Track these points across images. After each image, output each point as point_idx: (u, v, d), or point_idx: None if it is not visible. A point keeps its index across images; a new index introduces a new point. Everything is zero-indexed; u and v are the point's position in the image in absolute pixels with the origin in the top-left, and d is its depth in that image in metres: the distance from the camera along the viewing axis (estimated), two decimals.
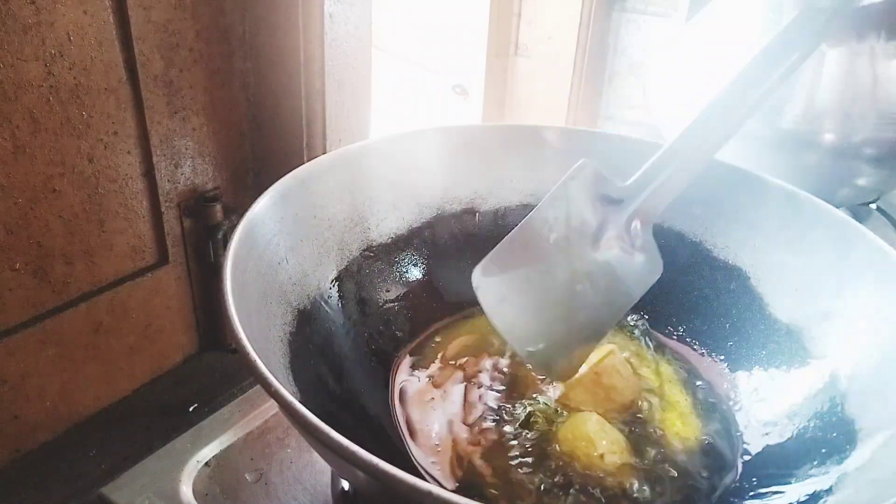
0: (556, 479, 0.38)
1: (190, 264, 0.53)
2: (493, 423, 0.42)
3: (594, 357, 0.43)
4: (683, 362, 0.48)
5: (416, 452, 0.41)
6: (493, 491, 0.38)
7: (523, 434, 0.41)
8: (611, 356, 0.43)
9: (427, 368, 0.47)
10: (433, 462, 0.40)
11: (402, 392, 0.45)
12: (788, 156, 0.63)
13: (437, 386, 0.45)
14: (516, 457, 0.40)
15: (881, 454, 0.34)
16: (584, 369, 0.43)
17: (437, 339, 0.49)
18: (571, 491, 0.38)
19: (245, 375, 0.54)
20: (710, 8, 0.71)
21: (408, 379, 0.46)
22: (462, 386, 0.45)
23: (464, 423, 0.43)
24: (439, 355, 0.48)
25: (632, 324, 0.51)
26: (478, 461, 0.40)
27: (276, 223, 0.41)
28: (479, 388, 0.45)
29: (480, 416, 0.43)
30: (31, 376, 0.45)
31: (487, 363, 0.47)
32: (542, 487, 0.38)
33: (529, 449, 0.40)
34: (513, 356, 0.47)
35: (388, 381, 0.45)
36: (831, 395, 0.40)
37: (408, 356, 0.47)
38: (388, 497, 0.28)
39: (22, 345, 0.43)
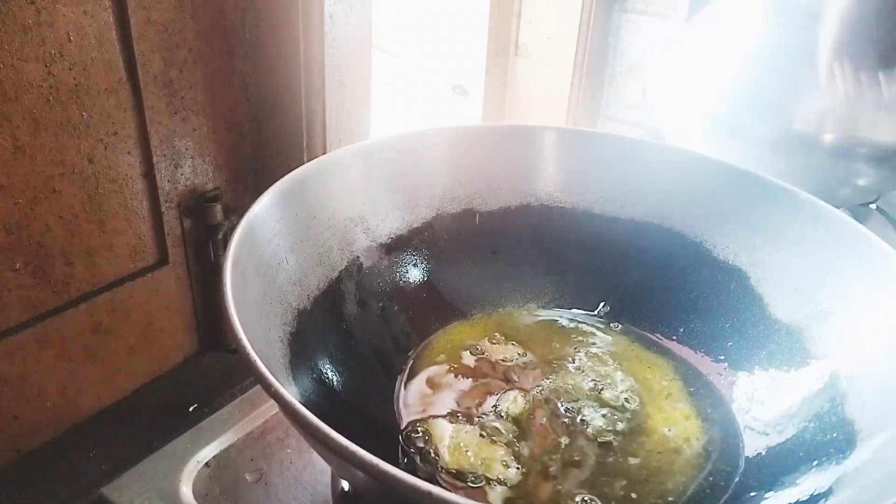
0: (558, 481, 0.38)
1: (190, 264, 0.53)
2: (495, 422, 0.42)
3: None
4: (683, 363, 0.48)
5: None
6: (495, 489, 0.38)
7: (525, 432, 0.41)
8: None
9: (428, 368, 0.47)
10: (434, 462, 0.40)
11: (402, 391, 0.45)
12: (788, 156, 0.63)
13: (437, 385, 0.45)
14: (519, 455, 0.40)
15: (881, 454, 0.34)
16: None
17: (438, 339, 0.49)
18: (575, 492, 0.38)
19: (245, 375, 0.54)
20: (710, 8, 0.71)
21: (408, 379, 0.46)
22: (463, 385, 0.45)
23: (465, 423, 0.42)
24: (440, 355, 0.48)
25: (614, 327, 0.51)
26: (480, 460, 0.40)
27: (276, 223, 0.40)
28: (480, 387, 0.45)
29: (482, 415, 0.43)
30: (31, 376, 0.45)
31: (488, 363, 0.47)
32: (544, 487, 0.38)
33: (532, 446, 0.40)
34: (513, 356, 0.47)
35: (389, 381, 0.45)
36: (831, 395, 0.40)
37: (408, 356, 0.47)
38: (388, 497, 0.28)
39: (22, 345, 0.43)
